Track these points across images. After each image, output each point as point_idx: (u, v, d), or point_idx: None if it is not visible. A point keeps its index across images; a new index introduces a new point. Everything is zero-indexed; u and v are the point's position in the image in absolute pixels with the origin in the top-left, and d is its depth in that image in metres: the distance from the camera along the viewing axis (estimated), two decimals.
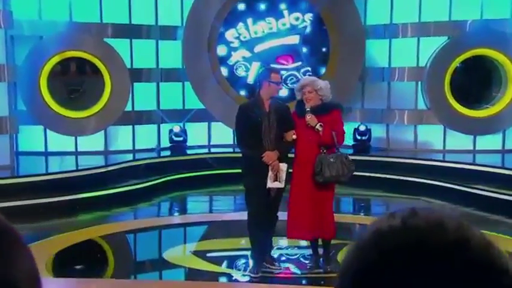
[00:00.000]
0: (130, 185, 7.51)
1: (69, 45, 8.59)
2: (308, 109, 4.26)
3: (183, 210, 7.63)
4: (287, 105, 4.46)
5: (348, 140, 9.41)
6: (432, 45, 9.04)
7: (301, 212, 4.31)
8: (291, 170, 4.40)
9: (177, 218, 6.90)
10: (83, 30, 8.75)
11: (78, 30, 8.73)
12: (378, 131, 9.49)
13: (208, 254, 5.03)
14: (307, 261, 4.77)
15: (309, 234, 4.41)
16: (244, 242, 4.85)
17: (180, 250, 5.35)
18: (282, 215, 4.49)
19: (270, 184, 4.25)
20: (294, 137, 4.28)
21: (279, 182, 4.25)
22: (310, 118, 4.22)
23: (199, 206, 7.51)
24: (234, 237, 5.43)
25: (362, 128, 9.33)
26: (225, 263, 4.80)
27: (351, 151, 9.26)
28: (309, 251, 4.73)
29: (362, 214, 7.32)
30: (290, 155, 4.47)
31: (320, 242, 4.57)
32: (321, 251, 4.59)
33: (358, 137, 9.36)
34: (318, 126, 4.21)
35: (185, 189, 8.07)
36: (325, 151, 4.24)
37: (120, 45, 8.92)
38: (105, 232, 5.93)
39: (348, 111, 9.66)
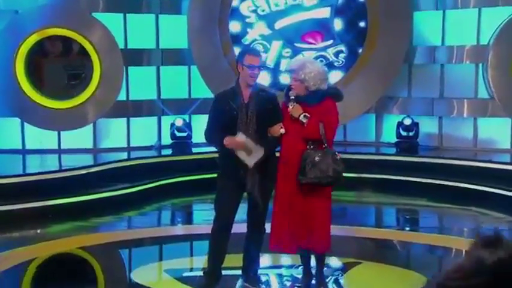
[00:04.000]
0: (116, 190, 7.43)
1: (50, 21, 8.57)
2: (292, 97, 4.22)
3: (179, 220, 7.58)
4: (274, 94, 4.41)
5: (390, 137, 9.09)
6: (497, 17, 8.67)
7: (282, 220, 4.27)
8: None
9: (167, 230, 6.83)
10: (68, 3, 8.72)
11: (62, 3, 8.70)
12: (427, 126, 9.19)
13: (185, 274, 5.01)
14: (298, 283, 4.75)
15: (291, 246, 4.33)
16: (234, 259, 4.69)
17: (155, 268, 5.34)
18: None
19: (250, 160, 4.12)
20: (282, 131, 4.21)
21: (252, 152, 4.14)
22: (292, 108, 4.19)
23: (201, 215, 7.25)
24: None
25: (407, 121, 9.01)
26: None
27: (393, 150, 8.93)
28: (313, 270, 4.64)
29: (407, 229, 6.94)
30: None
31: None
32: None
33: (403, 133, 9.07)
34: (301, 117, 4.17)
35: (186, 195, 7.98)
36: (312, 147, 4.18)
37: (112, 21, 8.83)
38: (74, 245, 5.92)
39: (390, 101, 9.30)
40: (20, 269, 5.25)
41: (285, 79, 9.18)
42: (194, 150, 8.97)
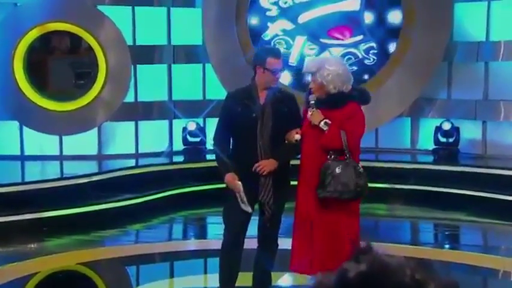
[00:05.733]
0: (122, 201, 7.47)
1: (51, 14, 8.64)
2: (312, 101, 4.17)
3: (191, 235, 7.62)
4: (293, 95, 4.39)
5: (428, 144, 8.99)
6: None
7: (304, 239, 4.21)
8: (295, 183, 4.32)
9: (177, 245, 6.83)
10: None
11: None
12: (469, 131, 9.11)
13: None
14: None
15: (315, 268, 4.24)
16: (249, 278, 4.66)
17: (163, 287, 5.41)
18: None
19: (242, 206, 4.23)
20: (298, 137, 4.19)
21: (244, 204, 4.23)
22: (312, 114, 4.16)
23: (215, 229, 7.19)
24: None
25: (447, 126, 8.94)
26: None
27: (430, 158, 8.87)
28: None
29: (447, 247, 6.89)
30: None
31: None
32: None
33: (442, 139, 9.00)
34: (322, 124, 4.12)
35: (199, 207, 8.01)
36: (333, 157, 4.13)
37: (120, 15, 8.88)
38: (74, 261, 5.95)
39: (427, 103, 9.23)
40: (15, 286, 5.26)
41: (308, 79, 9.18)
42: (208, 157, 8.92)
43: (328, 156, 4.13)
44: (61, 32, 8.73)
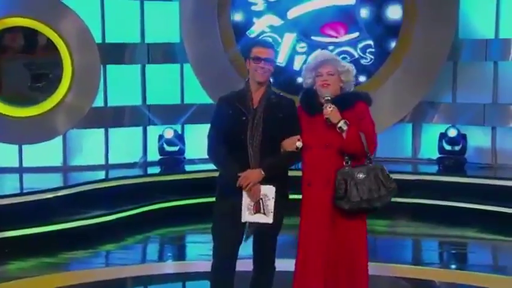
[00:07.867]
0: (91, 218, 7.48)
1: (9, 9, 8.60)
2: (328, 97, 4.16)
3: (169, 256, 7.55)
4: (290, 100, 4.35)
5: (431, 152, 9.06)
6: None
7: (314, 256, 4.21)
8: (296, 196, 4.27)
9: (154, 267, 6.76)
10: None
11: None
12: (477, 138, 9.25)
13: None
14: None
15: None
16: None
17: None
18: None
19: (248, 217, 4.18)
20: (299, 144, 4.18)
21: (264, 213, 4.15)
22: (331, 111, 4.12)
23: (196, 248, 7.34)
24: None
25: (452, 132, 9.04)
26: None
27: (435, 169, 8.93)
28: None
29: (453, 267, 7.01)
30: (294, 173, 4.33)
31: None
32: None
33: (447, 147, 9.11)
34: (341, 124, 4.12)
35: (178, 224, 8.04)
36: (349, 162, 4.14)
37: (87, 8, 8.91)
38: (40, 287, 5.93)
39: (430, 108, 9.31)
40: None
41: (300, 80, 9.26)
42: (187, 168, 9.03)
43: (345, 163, 4.12)
44: (15, 27, 8.72)
